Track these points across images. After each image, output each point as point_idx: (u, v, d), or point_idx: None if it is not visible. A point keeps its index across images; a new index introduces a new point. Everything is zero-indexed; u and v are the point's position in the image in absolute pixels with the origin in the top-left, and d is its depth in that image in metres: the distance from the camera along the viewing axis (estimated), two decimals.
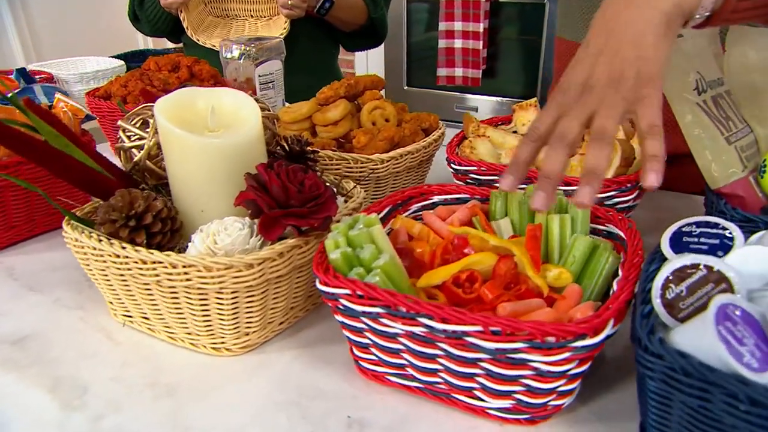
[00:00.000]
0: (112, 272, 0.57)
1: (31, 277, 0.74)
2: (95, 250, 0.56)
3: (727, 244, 0.49)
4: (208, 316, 0.57)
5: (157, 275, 0.54)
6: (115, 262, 0.56)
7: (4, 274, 0.75)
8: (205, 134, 0.61)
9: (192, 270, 0.53)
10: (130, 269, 0.55)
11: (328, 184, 0.61)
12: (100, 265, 0.58)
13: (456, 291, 0.51)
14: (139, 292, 0.58)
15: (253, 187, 0.56)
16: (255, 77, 1.00)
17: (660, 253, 0.50)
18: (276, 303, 0.59)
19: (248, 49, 0.98)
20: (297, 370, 0.57)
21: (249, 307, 0.57)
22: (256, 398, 0.53)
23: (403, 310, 0.46)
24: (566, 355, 0.43)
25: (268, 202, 0.55)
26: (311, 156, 0.69)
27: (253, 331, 0.59)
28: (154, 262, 0.54)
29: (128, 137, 0.67)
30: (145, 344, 0.61)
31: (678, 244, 0.50)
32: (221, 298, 0.55)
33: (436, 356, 0.48)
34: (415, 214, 0.67)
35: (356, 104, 0.92)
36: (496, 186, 0.71)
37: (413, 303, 0.45)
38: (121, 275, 0.57)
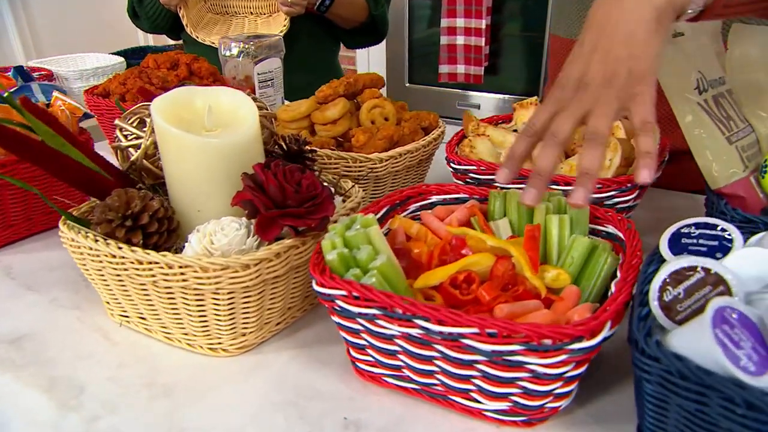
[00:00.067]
0: (108, 272, 0.57)
1: (29, 276, 0.74)
2: (91, 250, 0.56)
3: (726, 245, 0.48)
4: (205, 316, 0.56)
5: (153, 276, 0.54)
6: (111, 263, 0.56)
7: (2, 273, 0.75)
8: (202, 134, 0.61)
9: (188, 270, 0.53)
10: (126, 269, 0.55)
11: (325, 184, 0.61)
12: (96, 265, 0.58)
13: (453, 292, 0.51)
14: (136, 292, 0.58)
15: (249, 187, 0.55)
16: (254, 75, 0.99)
17: (659, 255, 0.50)
18: (273, 303, 0.59)
19: (247, 46, 0.98)
20: (294, 371, 0.57)
21: (246, 307, 0.56)
22: (253, 399, 0.53)
23: (400, 312, 0.46)
24: (563, 357, 0.43)
25: (265, 203, 0.55)
26: (309, 155, 0.68)
27: (250, 332, 0.59)
28: (150, 263, 0.53)
29: (125, 136, 0.66)
30: (142, 344, 0.61)
31: (677, 246, 0.50)
32: (218, 299, 0.55)
33: (433, 358, 0.48)
34: (413, 214, 0.66)
35: (355, 103, 0.92)
36: (495, 185, 0.71)
37: (409, 305, 0.45)
38: (118, 275, 0.57)
